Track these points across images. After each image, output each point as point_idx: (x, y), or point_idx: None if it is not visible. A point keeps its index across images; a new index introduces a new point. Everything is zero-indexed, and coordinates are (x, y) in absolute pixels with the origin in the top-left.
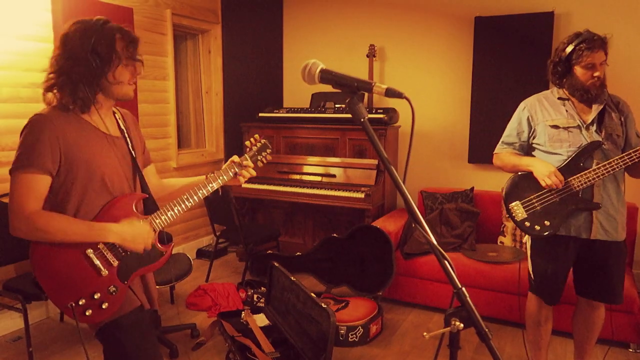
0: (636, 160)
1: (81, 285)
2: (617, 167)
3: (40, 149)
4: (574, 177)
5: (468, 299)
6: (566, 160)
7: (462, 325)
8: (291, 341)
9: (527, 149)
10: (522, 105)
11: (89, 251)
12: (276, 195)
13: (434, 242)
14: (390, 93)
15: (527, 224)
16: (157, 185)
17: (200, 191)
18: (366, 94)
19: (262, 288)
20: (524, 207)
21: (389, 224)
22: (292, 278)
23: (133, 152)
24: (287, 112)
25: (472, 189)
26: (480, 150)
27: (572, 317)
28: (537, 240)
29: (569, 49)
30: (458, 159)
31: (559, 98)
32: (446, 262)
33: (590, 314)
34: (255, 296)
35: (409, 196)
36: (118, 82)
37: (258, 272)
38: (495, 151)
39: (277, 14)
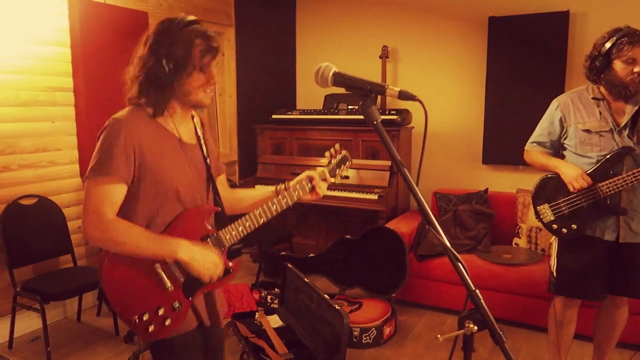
0: None
1: (146, 299)
2: None
3: (116, 156)
4: (603, 183)
5: (482, 301)
6: (596, 164)
7: (476, 327)
8: (305, 342)
9: (558, 147)
10: (554, 103)
11: (157, 265)
12: None
13: (447, 243)
14: (403, 96)
15: (555, 226)
16: (227, 197)
17: (274, 207)
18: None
19: (276, 289)
20: (551, 210)
21: (402, 226)
22: (305, 279)
23: (208, 161)
24: (300, 113)
25: (487, 190)
26: (495, 151)
27: (595, 316)
28: (565, 239)
29: (609, 43)
30: (472, 160)
31: (593, 98)
32: (459, 264)
33: (614, 312)
34: (269, 297)
35: (421, 198)
36: (191, 89)
37: (271, 273)
38: (526, 147)
39: (291, 16)
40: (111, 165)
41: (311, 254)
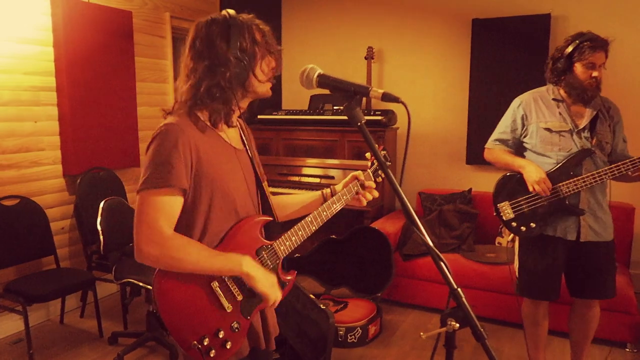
0: (624, 172)
1: (205, 321)
2: (606, 178)
3: (176, 164)
4: (563, 183)
5: (464, 299)
6: (556, 165)
7: (458, 325)
8: (291, 342)
9: (519, 146)
10: (516, 101)
11: (215, 284)
12: None
13: (430, 243)
14: (387, 98)
15: (514, 224)
16: (273, 203)
17: (325, 213)
18: None
19: None
20: (512, 208)
21: (388, 226)
22: None
23: (255, 166)
24: (286, 114)
25: (470, 190)
26: (478, 151)
27: (568, 317)
28: (526, 239)
29: (572, 46)
30: (456, 161)
31: (553, 99)
32: (442, 262)
33: (586, 313)
34: None
35: (404, 197)
36: (261, 79)
37: None
38: (487, 145)
39: (276, 16)
40: (171, 175)
41: (297, 254)
